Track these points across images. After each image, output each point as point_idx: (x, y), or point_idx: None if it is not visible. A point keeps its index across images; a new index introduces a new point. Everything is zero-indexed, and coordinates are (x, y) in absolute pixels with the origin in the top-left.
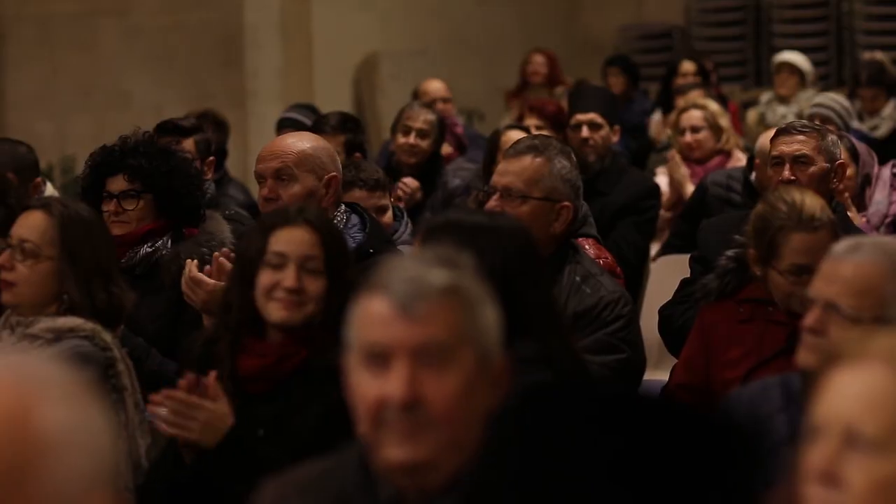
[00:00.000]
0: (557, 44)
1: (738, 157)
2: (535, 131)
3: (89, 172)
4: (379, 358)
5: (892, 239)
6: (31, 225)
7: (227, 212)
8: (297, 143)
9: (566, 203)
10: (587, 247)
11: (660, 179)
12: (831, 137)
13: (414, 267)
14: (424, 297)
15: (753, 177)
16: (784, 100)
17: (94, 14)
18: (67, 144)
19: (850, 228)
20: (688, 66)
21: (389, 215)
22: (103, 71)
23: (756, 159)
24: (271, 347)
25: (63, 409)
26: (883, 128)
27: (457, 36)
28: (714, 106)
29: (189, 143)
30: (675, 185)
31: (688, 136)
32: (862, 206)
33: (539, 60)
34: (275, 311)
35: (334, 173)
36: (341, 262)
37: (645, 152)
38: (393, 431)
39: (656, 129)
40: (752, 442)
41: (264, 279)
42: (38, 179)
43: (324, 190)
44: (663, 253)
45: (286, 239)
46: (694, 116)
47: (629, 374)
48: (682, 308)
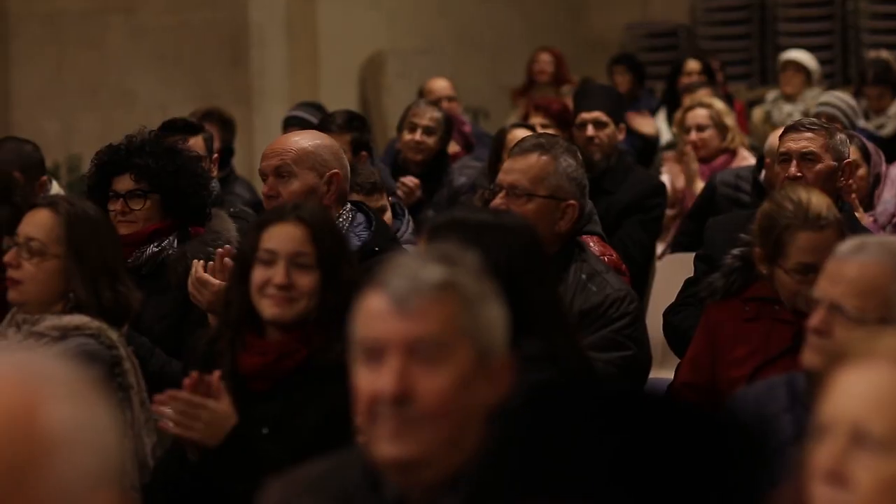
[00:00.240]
0: (563, 42)
1: (743, 155)
2: (540, 130)
3: (95, 171)
4: (375, 353)
5: None
6: (37, 223)
7: (233, 210)
8: (298, 140)
9: (572, 201)
10: (592, 244)
11: (664, 178)
12: (840, 136)
13: (411, 263)
14: (418, 292)
15: (763, 176)
16: (790, 98)
17: (100, 12)
18: (73, 143)
19: (857, 228)
20: (693, 64)
21: (389, 215)
22: (110, 69)
23: (766, 158)
24: (271, 345)
25: (68, 406)
26: (889, 126)
27: (463, 34)
28: (719, 104)
29: (198, 141)
30: (679, 182)
31: (693, 135)
32: (872, 205)
33: (546, 59)
34: (267, 308)
35: (336, 170)
36: (335, 257)
37: (651, 151)
38: (385, 427)
39: (651, 121)
40: (757, 441)
41: (257, 276)
42: (44, 178)
43: (325, 187)
44: (671, 251)
45: (276, 236)
46: (699, 115)
47: (634, 372)
48: (684, 314)
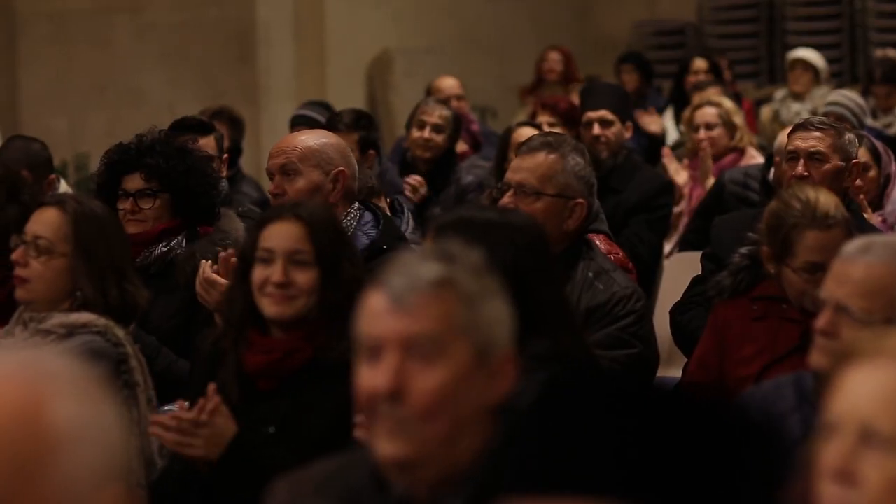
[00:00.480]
0: (570, 41)
1: (751, 154)
2: (547, 128)
3: (105, 170)
4: (374, 351)
5: None
6: (45, 221)
7: (241, 209)
8: (305, 139)
9: (580, 200)
10: (598, 242)
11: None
12: (848, 136)
13: (409, 261)
14: (415, 290)
15: (772, 175)
16: (798, 97)
17: (107, 11)
18: (81, 141)
19: (866, 227)
20: (700, 63)
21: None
22: (117, 68)
23: (775, 157)
24: (277, 344)
25: (74, 404)
26: None
27: (470, 33)
28: (728, 103)
29: (209, 141)
30: (680, 177)
31: (702, 133)
32: (881, 205)
33: (555, 58)
34: (267, 307)
35: (342, 168)
36: (335, 254)
37: (657, 149)
38: (383, 425)
39: (642, 122)
40: (770, 436)
41: (257, 275)
42: (52, 176)
43: (331, 185)
44: (679, 249)
45: (274, 234)
46: (708, 113)
47: (641, 370)
48: (691, 314)
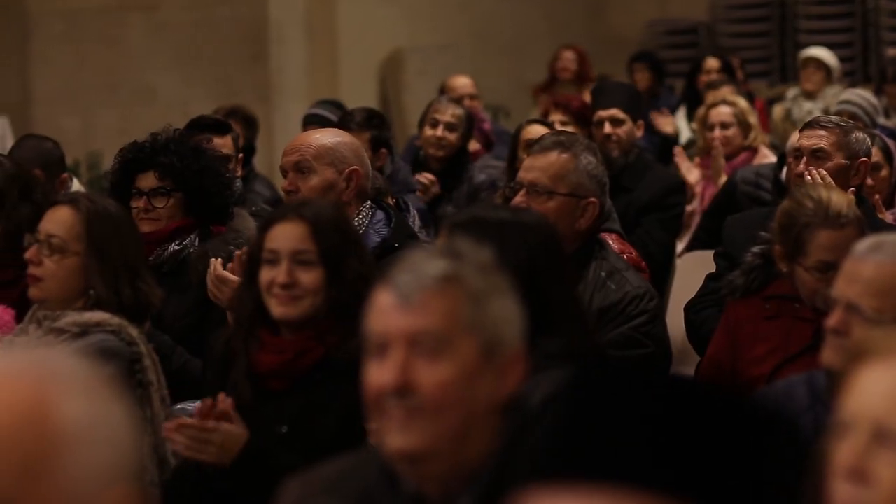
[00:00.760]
0: (583, 39)
1: (764, 153)
2: (559, 127)
3: (119, 168)
4: (381, 347)
5: None
6: (58, 220)
7: (254, 208)
8: (319, 137)
9: (592, 199)
10: (611, 242)
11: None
12: (856, 134)
13: (417, 259)
14: (420, 286)
15: (784, 174)
16: (810, 95)
17: (120, 9)
18: (94, 140)
19: (879, 225)
20: (712, 62)
21: None
22: (130, 66)
23: (788, 156)
24: (288, 343)
25: (82, 403)
26: None
27: (483, 32)
28: (743, 103)
29: (227, 141)
30: (692, 175)
31: (717, 132)
32: (893, 204)
33: (569, 57)
34: (274, 307)
35: (356, 167)
36: (340, 252)
37: (670, 149)
38: (392, 419)
39: (657, 122)
40: (790, 430)
41: (263, 276)
42: (65, 175)
43: (344, 183)
44: (690, 248)
45: (278, 235)
46: (723, 113)
47: (653, 370)
48: (705, 315)
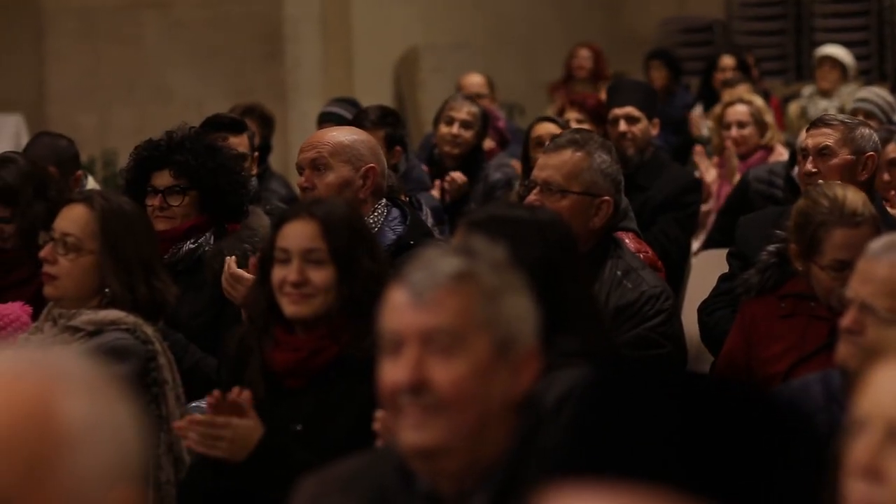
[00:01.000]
0: (598, 37)
1: (779, 151)
2: (575, 125)
3: (134, 166)
4: (395, 345)
5: None
6: (73, 218)
7: (268, 206)
8: (336, 135)
9: (606, 197)
10: (627, 241)
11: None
12: (861, 130)
13: (431, 256)
14: (434, 284)
15: (795, 172)
16: (826, 94)
17: (135, 7)
18: (109, 138)
19: (891, 222)
20: (727, 60)
21: None
22: (145, 64)
23: (798, 154)
24: (304, 342)
25: (86, 403)
26: None
27: (498, 30)
28: (759, 101)
29: (242, 140)
30: (709, 175)
31: (734, 131)
32: None
33: (585, 55)
34: (286, 306)
35: (373, 164)
36: (351, 250)
37: (686, 147)
38: (406, 416)
39: (695, 124)
40: (812, 428)
41: (275, 275)
42: (79, 172)
43: (360, 181)
44: (705, 247)
45: (289, 234)
46: (740, 112)
47: (671, 367)
48: (719, 316)
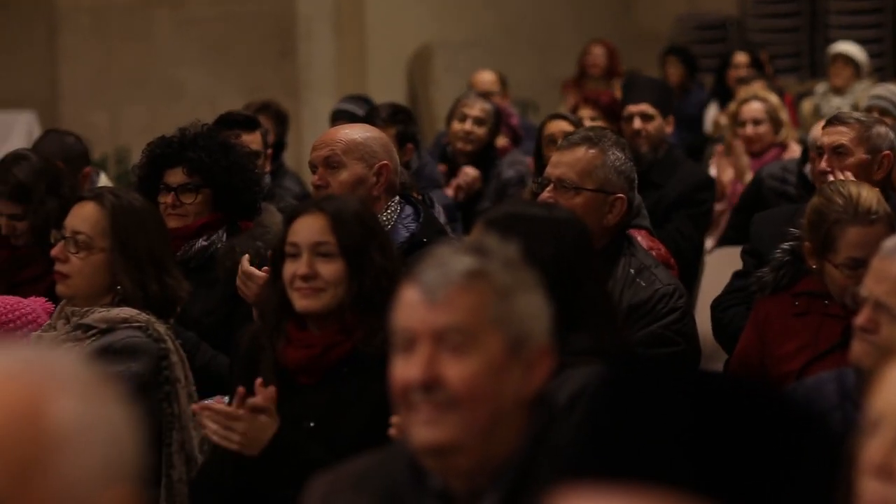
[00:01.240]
0: (612, 34)
1: (794, 149)
2: (589, 122)
3: (147, 163)
4: (408, 343)
5: None
6: (83, 216)
7: (282, 204)
8: (348, 132)
9: (620, 195)
10: (640, 238)
11: (712, 171)
12: (877, 129)
13: (443, 255)
14: (447, 282)
15: (808, 169)
16: (839, 91)
17: (148, 5)
18: (121, 135)
19: None
20: (741, 57)
21: None
22: (157, 62)
23: (810, 151)
24: (317, 338)
25: (78, 403)
26: None
27: (511, 27)
28: (774, 99)
29: (255, 137)
30: (726, 175)
31: (749, 129)
32: None
33: (598, 52)
34: (296, 301)
35: (386, 162)
36: (361, 245)
37: (700, 144)
38: (418, 413)
39: (710, 122)
40: (826, 427)
41: (286, 271)
42: (88, 169)
43: (374, 178)
44: (719, 246)
45: (299, 228)
46: (755, 109)
47: (684, 366)
48: (733, 313)
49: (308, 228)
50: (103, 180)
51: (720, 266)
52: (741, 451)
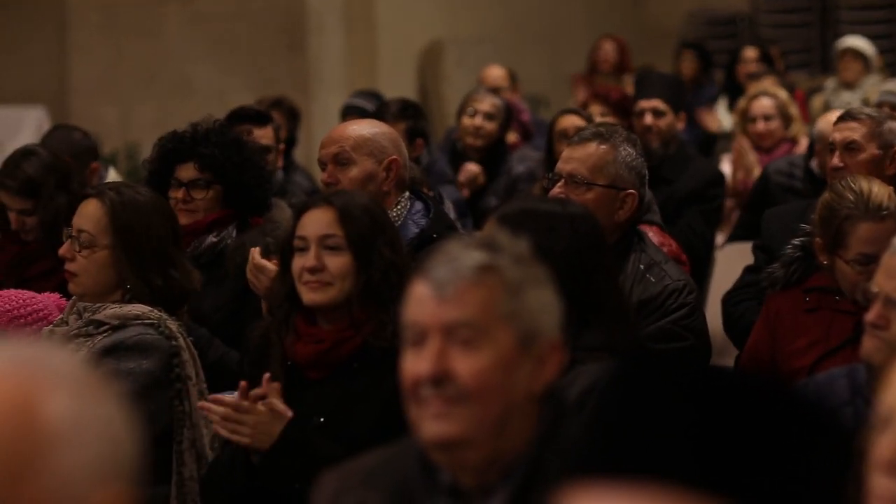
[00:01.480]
0: (622, 30)
1: (804, 144)
2: (599, 119)
3: (158, 158)
4: (418, 338)
5: None
6: (86, 214)
7: (294, 199)
8: (356, 128)
9: (631, 191)
10: (651, 234)
11: (724, 167)
12: (889, 124)
13: (453, 250)
14: (456, 277)
15: (814, 163)
16: (849, 86)
17: (157, 1)
18: (131, 130)
19: None
20: (750, 52)
21: None
22: (167, 57)
23: (816, 145)
24: (326, 333)
25: (71, 402)
26: None
27: (522, 22)
28: (783, 94)
29: (267, 131)
30: (739, 173)
31: (760, 125)
32: None
33: (608, 47)
34: (304, 294)
35: (395, 157)
36: (368, 238)
37: (711, 140)
38: (428, 407)
39: (716, 118)
40: (837, 423)
41: (295, 265)
42: (95, 164)
43: (384, 173)
44: (730, 243)
45: (307, 222)
46: (766, 105)
47: (694, 363)
48: (743, 308)
49: (316, 222)
50: (112, 175)
51: (731, 261)
52: (752, 448)
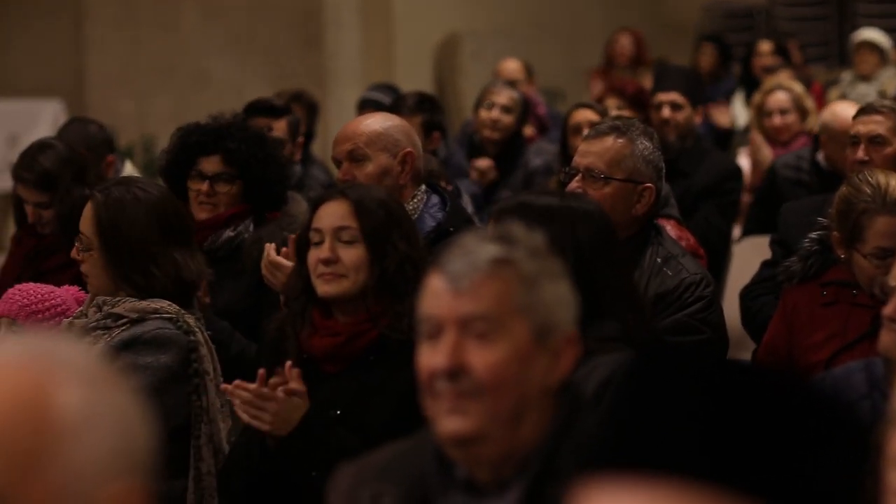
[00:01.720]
0: (639, 23)
1: None
2: (615, 112)
3: (179, 149)
4: (434, 331)
5: None
6: (84, 217)
7: (311, 194)
8: (368, 123)
9: (648, 184)
10: (668, 228)
11: (742, 161)
12: None
13: (469, 243)
14: (472, 271)
15: (820, 155)
16: (865, 78)
17: None
18: (148, 123)
19: None
20: (765, 45)
21: None
22: (184, 50)
23: (822, 136)
24: (342, 326)
25: (83, 395)
26: None
27: (538, 15)
28: (798, 87)
29: (282, 125)
30: (757, 167)
31: (776, 119)
32: None
33: (625, 41)
34: (319, 286)
35: (409, 149)
36: (383, 230)
37: (727, 134)
38: (443, 402)
39: (727, 113)
40: (854, 417)
41: (311, 257)
42: (111, 157)
43: (399, 167)
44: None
45: (322, 214)
46: (781, 99)
47: (710, 356)
48: (761, 302)
49: (331, 214)
50: (128, 168)
51: (748, 255)
52: (769, 443)
